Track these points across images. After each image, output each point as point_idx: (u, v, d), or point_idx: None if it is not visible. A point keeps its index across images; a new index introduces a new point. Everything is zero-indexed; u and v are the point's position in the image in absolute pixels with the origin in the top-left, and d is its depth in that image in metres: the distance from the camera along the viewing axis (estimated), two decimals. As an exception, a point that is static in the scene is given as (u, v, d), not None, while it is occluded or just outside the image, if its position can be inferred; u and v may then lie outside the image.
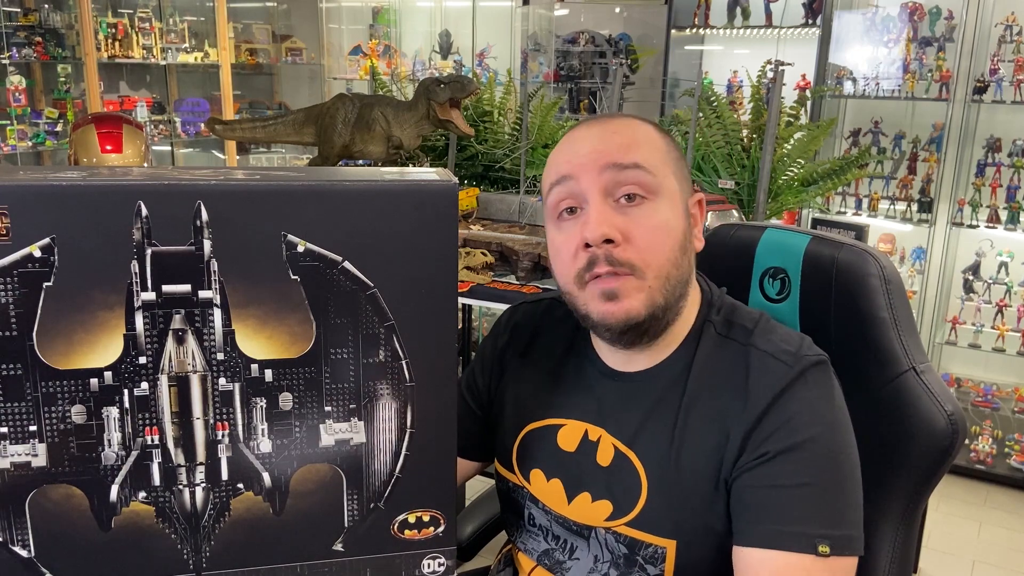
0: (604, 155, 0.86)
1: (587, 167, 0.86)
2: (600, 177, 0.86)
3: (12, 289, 0.68)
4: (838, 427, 0.84)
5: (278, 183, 0.71)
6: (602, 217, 0.84)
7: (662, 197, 0.86)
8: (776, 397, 0.83)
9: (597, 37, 4.09)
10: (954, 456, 0.93)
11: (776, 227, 1.07)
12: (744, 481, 0.83)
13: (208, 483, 0.76)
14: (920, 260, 3.39)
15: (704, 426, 0.86)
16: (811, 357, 0.86)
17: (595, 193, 0.86)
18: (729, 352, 0.89)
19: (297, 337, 0.75)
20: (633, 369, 0.92)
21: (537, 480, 0.96)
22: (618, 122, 0.90)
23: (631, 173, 0.85)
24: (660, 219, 0.86)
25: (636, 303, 0.85)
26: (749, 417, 0.83)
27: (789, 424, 0.82)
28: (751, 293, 1.06)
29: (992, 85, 3.12)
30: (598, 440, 0.92)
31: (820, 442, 0.82)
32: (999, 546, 2.69)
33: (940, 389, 0.93)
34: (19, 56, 3.61)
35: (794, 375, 0.84)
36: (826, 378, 0.86)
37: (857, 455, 0.85)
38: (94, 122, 1.89)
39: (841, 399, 0.86)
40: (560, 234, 0.90)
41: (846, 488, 0.83)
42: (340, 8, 4.87)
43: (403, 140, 2.05)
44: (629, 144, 0.87)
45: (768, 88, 2.20)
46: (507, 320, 1.09)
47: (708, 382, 0.88)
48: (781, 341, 0.88)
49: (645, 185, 0.85)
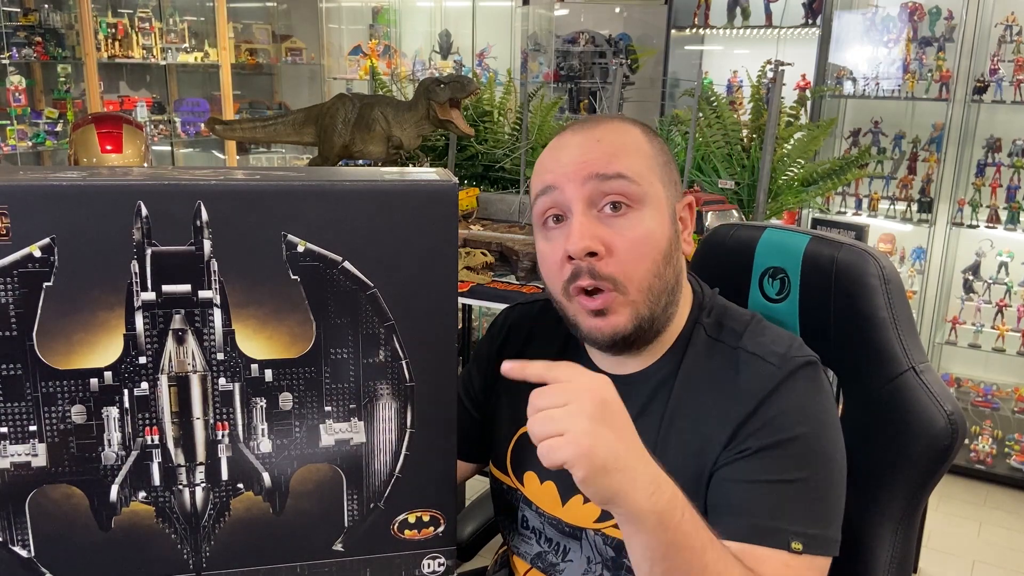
0: (587, 165, 0.85)
1: (570, 177, 0.85)
2: (583, 188, 0.85)
3: (12, 289, 0.68)
4: (824, 428, 0.83)
5: (278, 183, 0.72)
6: (584, 230, 0.83)
7: (647, 205, 0.86)
8: (764, 399, 0.83)
9: (597, 37, 4.09)
10: (954, 456, 0.93)
11: (776, 227, 1.07)
12: (722, 475, 0.83)
13: (208, 483, 0.76)
14: (920, 260, 3.39)
15: (690, 428, 0.86)
16: (799, 359, 0.85)
17: (578, 204, 0.85)
18: (718, 354, 0.88)
19: (297, 337, 0.75)
20: (624, 372, 0.92)
21: (531, 482, 0.96)
22: (603, 128, 0.89)
23: (615, 183, 0.84)
24: (644, 229, 0.85)
25: (622, 319, 0.85)
26: (735, 418, 0.83)
27: (774, 422, 0.82)
28: (751, 293, 1.06)
29: (992, 85, 3.12)
30: None
31: (803, 441, 0.81)
32: (999, 546, 2.69)
33: (940, 389, 0.93)
34: (19, 56, 3.61)
35: (782, 376, 0.83)
36: (815, 379, 0.85)
37: (844, 458, 0.84)
38: (94, 122, 1.88)
39: (830, 400, 0.86)
40: (547, 243, 0.89)
41: (826, 489, 0.82)
42: (340, 8, 4.87)
43: (403, 140, 2.05)
44: (613, 153, 0.86)
45: (768, 88, 2.20)
46: (502, 322, 1.09)
47: (696, 385, 0.88)
48: (771, 343, 0.87)
49: (629, 194, 0.85)
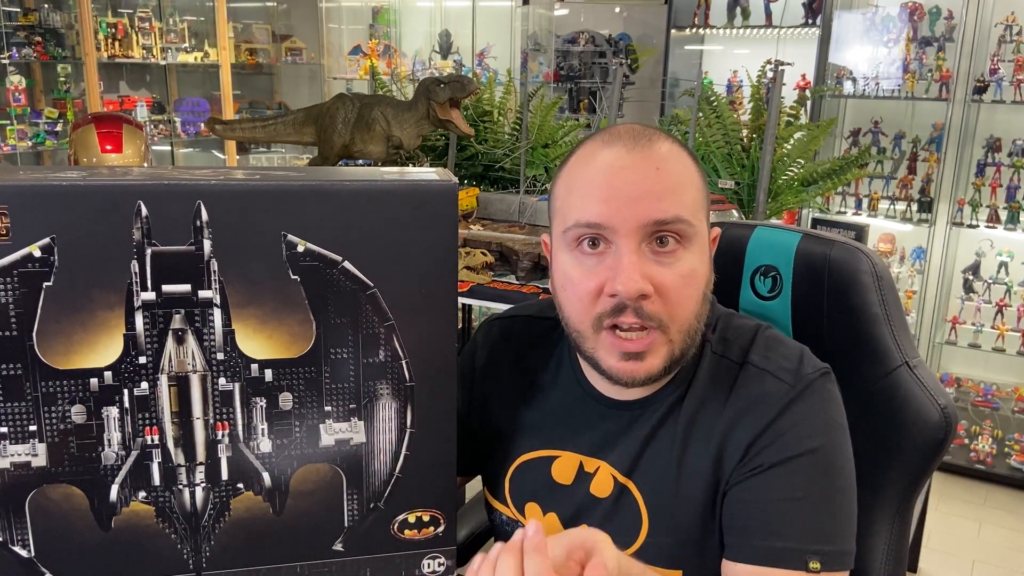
0: (645, 201, 0.78)
1: (625, 216, 0.78)
2: (640, 229, 0.78)
3: (12, 289, 0.68)
4: (835, 441, 0.81)
5: (278, 183, 0.71)
6: (636, 270, 0.77)
7: (694, 243, 0.81)
8: (776, 416, 0.81)
9: (597, 37, 4.09)
10: (947, 448, 0.94)
11: (766, 225, 1.08)
12: (735, 494, 0.81)
13: (208, 483, 0.76)
14: (920, 260, 3.39)
15: (702, 451, 0.84)
16: (812, 373, 0.83)
17: (630, 240, 0.78)
18: (725, 372, 0.86)
19: (297, 337, 0.75)
20: (630, 398, 0.88)
21: (533, 514, 0.93)
22: (660, 153, 0.81)
23: (671, 225, 0.79)
24: (688, 268, 0.80)
25: (657, 361, 0.81)
26: (748, 435, 0.81)
27: (784, 438, 0.80)
28: (742, 291, 1.07)
29: (992, 85, 3.12)
30: (595, 471, 0.89)
31: (816, 456, 0.79)
32: (999, 546, 2.69)
33: (932, 383, 0.95)
34: (19, 56, 3.61)
35: (795, 394, 0.81)
36: (827, 391, 0.83)
37: (853, 468, 0.83)
38: (94, 122, 1.89)
39: (840, 411, 0.84)
40: (577, 268, 0.82)
41: (840, 502, 0.80)
42: (340, 8, 4.87)
43: (403, 140, 2.05)
44: (672, 188, 0.79)
45: (768, 88, 2.20)
46: (483, 338, 1.03)
47: (705, 405, 0.85)
48: (781, 358, 0.84)
49: (682, 233, 0.80)
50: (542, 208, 2.15)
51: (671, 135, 0.85)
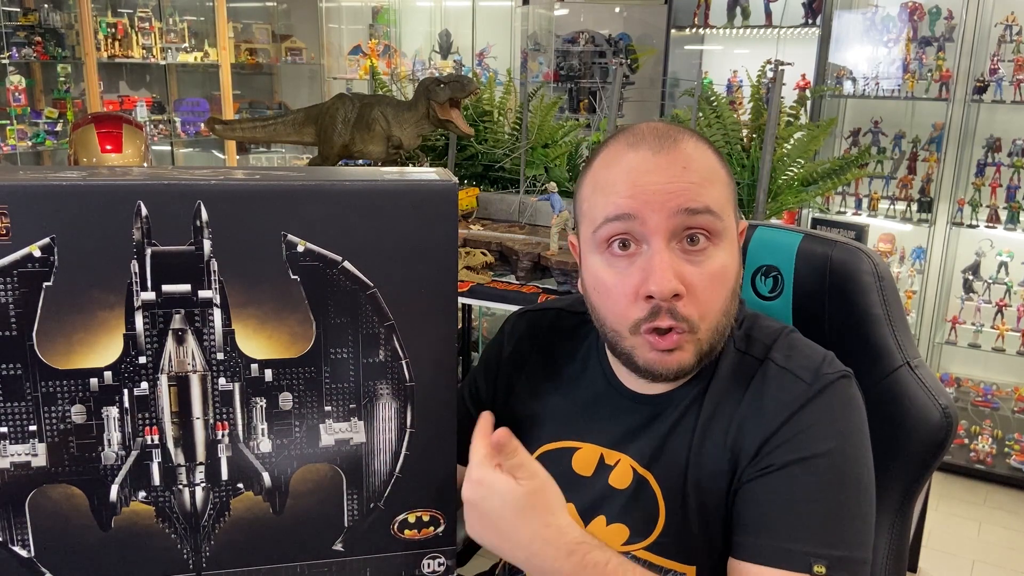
0: (675, 197, 0.79)
1: (655, 208, 0.79)
2: (669, 221, 0.79)
3: (12, 289, 0.68)
4: (853, 443, 0.80)
5: (278, 183, 0.72)
6: (669, 269, 0.78)
7: (724, 240, 0.81)
8: (791, 415, 0.80)
9: (597, 37, 4.09)
10: (947, 447, 0.94)
11: (767, 225, 1.08)
12: (746, 491, 0.81)
13: (208, 483, 0.76)
14: (920, 260, 3.39)
15: (719, 446, 0.83)
16: (832, 375, 0.82)
17: (661, 239, 0.79)
18: (747, 367, 0.86)
19: (297, 337, 0.75)
20: (654, 392, 0.89)
21: None
22: (687, 151, 0.81)
23: (701, 218, 0.79)
24: (719, 265, 0.81)
25: (688, 356, 0.81)
26: (762, 433, 0.81)
27: (799, 437, 0.79)
28: (743, 291, 1.07)
29: (992, 85, 3.12)
30: (615, 464, 0.89)
31: (830, 457, 0.78)
32: (999, 546, 2.69)
33: (933, 383, 0.95)
34: (19, 56, 3.61)
35: (813, 393, 0.81)
36: (847, 394, 0.82)
37: (872, 475, 0.81)
38: (94, 122, 1.88)
39: (860, 417, 0.83)
40: (611, 272, 0.82)
41: (853, 507, 0.79)
42: (340, 8, 4.87)
43: (403, 140, 2.05)
44: (700, 183, 0.80)
45: (768, 88, 2.20)
46: (511, 329, 1.04)
47: (724, 400, 0.85)
48: (803, 358, 0.84)
49: (711, 229, 0.80)
50: (542, 208, 2.15)
51: (694, 132, 0.85)
